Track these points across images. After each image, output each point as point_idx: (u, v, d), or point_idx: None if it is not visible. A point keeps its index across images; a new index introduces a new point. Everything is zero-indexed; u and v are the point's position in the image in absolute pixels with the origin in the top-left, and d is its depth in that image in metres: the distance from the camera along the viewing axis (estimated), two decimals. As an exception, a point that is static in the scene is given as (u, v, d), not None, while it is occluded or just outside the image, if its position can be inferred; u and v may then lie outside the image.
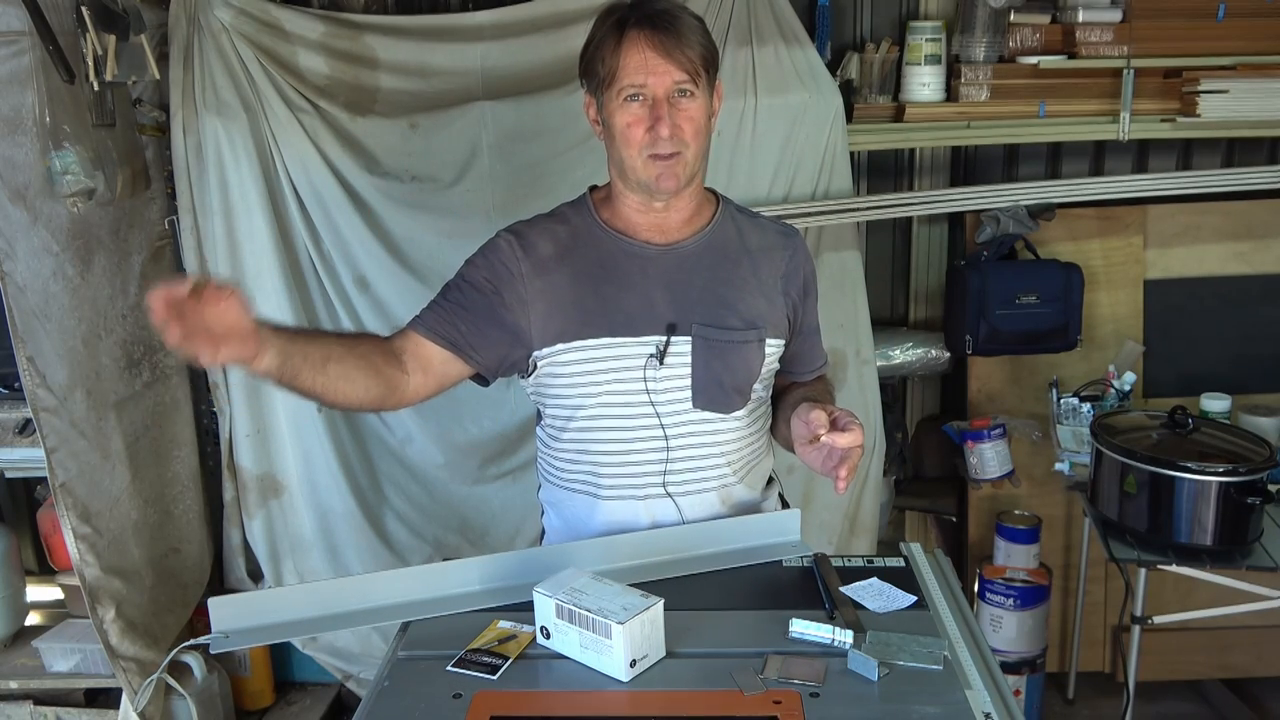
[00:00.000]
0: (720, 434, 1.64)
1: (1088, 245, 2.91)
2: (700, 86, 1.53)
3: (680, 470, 1.63)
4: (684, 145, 1.53)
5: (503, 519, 2.88)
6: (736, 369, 1.61)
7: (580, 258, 1.61)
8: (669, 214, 1.62)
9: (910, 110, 2.77)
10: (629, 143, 1.53)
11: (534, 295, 1.59)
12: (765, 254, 1.67)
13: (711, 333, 1.59)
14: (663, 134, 1.50)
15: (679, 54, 1.50)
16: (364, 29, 2.63)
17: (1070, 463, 2.64)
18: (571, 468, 1.67)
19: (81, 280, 2.41)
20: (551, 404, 1.66)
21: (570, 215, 1.66)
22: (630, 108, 1.52)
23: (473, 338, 1.59)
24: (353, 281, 2.71)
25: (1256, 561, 2.25)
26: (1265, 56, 2.72)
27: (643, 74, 1.50)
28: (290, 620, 1.42)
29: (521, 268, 1.59)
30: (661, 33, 1.49)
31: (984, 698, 1.25)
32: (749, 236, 1.67)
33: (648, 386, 1.59)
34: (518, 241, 1.61)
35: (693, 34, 1.52)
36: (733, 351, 1.60)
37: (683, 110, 1.52)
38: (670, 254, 1.62)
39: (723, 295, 1.61)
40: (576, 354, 1.59)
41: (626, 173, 1.57)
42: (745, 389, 1.64)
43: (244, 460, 2.79)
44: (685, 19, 1.53)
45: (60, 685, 2.69)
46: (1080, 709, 2.99)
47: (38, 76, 2.19)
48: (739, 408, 1.64)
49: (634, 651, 1.26)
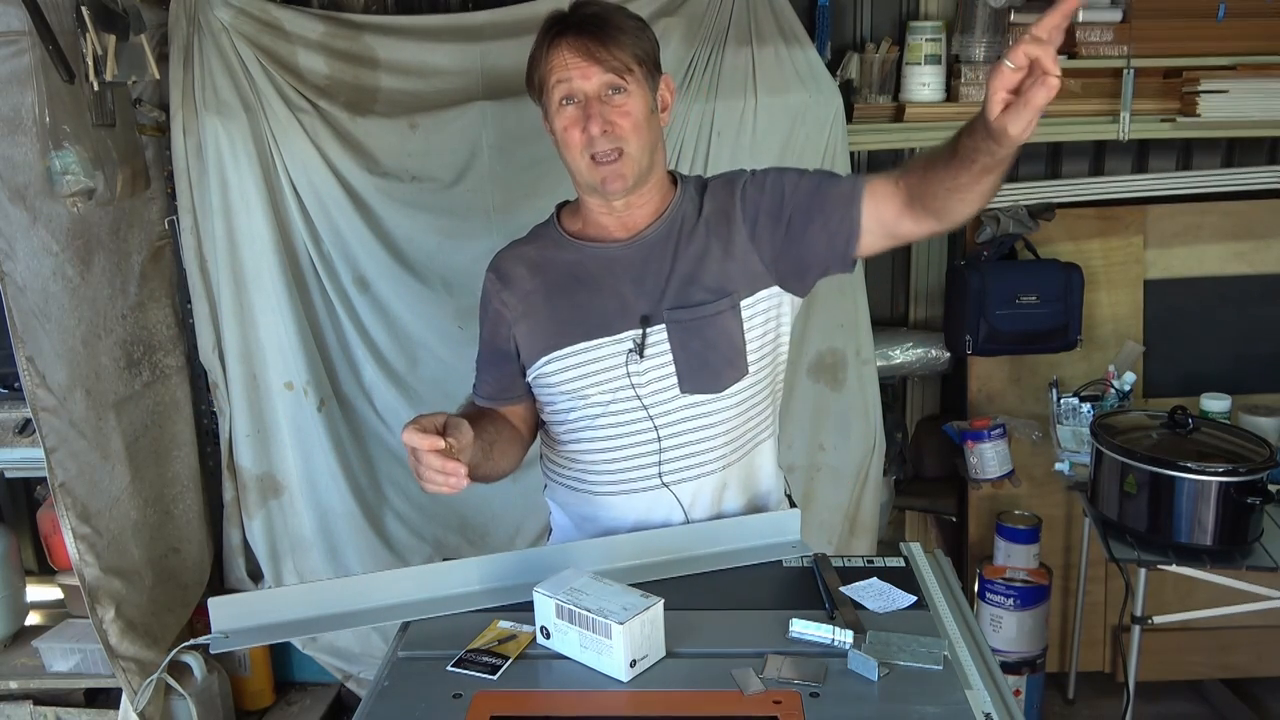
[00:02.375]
0: (712, 416, 1.61)
1: (1088, 245, 2.91)
2: (633, 81, 1.53)
3: (674, 459, 1.62)
4: (623, 141, 1.53)
5: (503, 519, 2.88)
6: (718, 343, 1.59)
7: (551, 273, 1.65)
8: (632, 212, 1.62)
9: (910, 110, 2.77)
10: (569, 146, 1.55)
11: (516, 318, 1.65)
12: (719, 213, 1.62)
13: (682, 314, 1.58)
14: (593, 131, 1.51)
15: (602, 53, 1.51)
16: (364, 29, 2.63)
17: (1070, 463, 2.64)
18: (569, 467, 1.70)
19: (81, 280, 2.41)
20: (547, 412, 1.70)
21: (540, 233, 1.72)
22: (566, 111, 1.54)
23: (503, 383, 1.70)
24: (353, 281, 2.71)
25: (1256, 561, 2.24)
26: (1265, 56, 2.72)
27: (568, 76, 1.52)
28: (290, 620, 1.42)
29: (504, 298, 1.66)
30: (585, 36, 1.52)
31: (984, 698, 1.25)
32: (706, 203, 1.64)
33: (632, 381, 1.59)
34: (496, 277, 1.68)
35: (619, 33, 1.53)
36: (708, 326, 1.58)
37: (616, 107, 1.52)
38: (634, 246, 1.62)
39: (689, 272, 1.60)
40: (559, 364, 1.61)
41: (576, 177, 1.59)
42: (736, 360, 1.60)
43: (244, 460, 2.79)
44: (614, 19, 1.54)
45: (60, 685, 2.69)
46: (1080, 709, 2.99)
47: (38, 76, 2.19)
48: (733, 382, 1.60)
49: (634, 651, 1.26)
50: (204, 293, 2.72)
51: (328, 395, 2.76)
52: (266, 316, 2.68)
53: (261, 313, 2.68)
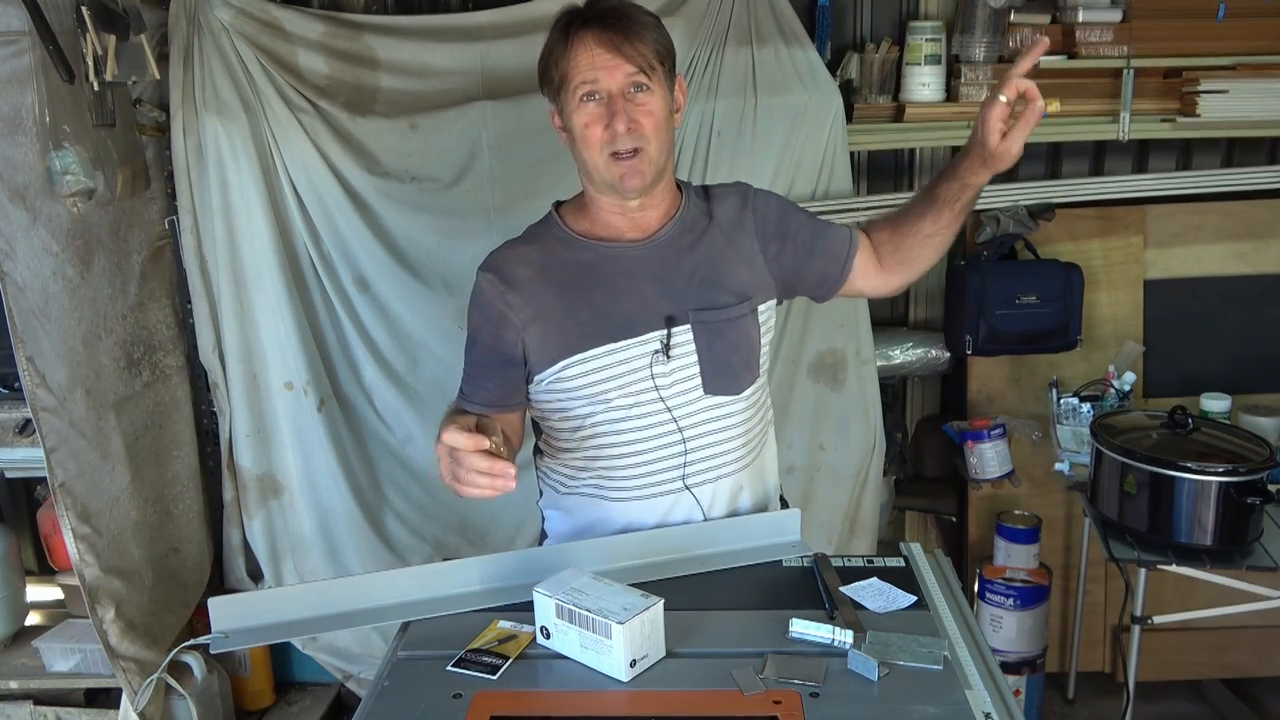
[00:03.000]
0: (732, 416, 1.63)
1: (1088, 245, 2.91)
2: (655, 80, 1.52)
3: (698, 461, 1.62)
4: (644, 140, 1.52)
5: (503, 519, 2.88)
6: (740, 345, 1.61)
7: (561, 273, 1.60)
8: (646, 212, 1.62)
9: (910, 110, 2.77)
10: (589, 143, 1.53)
11: (526, 321, 1.58)
12: (732, 221, 1.66)
13: (708, 315, 1.58)
14: (619, 129, 1.50)
15: (628, 47, 1.49)
16: (364, 29, 2.63)
17: (1070, 463, 2.64)
18: (583, 475, 1.66)
19: (81, 280, 2.41)
20: (558, 418, 1.65)
21: (540, 234, 1.66)
22: (587, 108, 1.52)
23: (505, 389, 1.63)
24: (353, 281, 2.72)
25: (1256, 561, 2.24)
26: (1265, 56, 2.72)
27: (593, 71, 1.49)
28: (290, 620, 1.42)
29: (508, 300, 1.59)
30: (609, 30, 1.49)
31: (984, 698, 1.25)
32: (715, 210, 1.66)
33: (656, 384, 1.58)
34: (497, 279, 1.60)
35: (642, 29, 1.51)
36: (733, 328, 1.60)
37: (640, 105, 1.51)
38: (650, 247, 1.61)
39: (708, 274, 1.60)
40: (580, 367, 1.57)
41: (592, 175, 1.57)
42: (752, 363, 1.63)
43: (244, 460, 2.79)
44: (636, 15, 1.53)
45: (60, 685, 2.69)
46: (1080, 709, 2.99)
47: (38, 76, 2.19)
48: (748, 385, 1.63)
49: (634, 651, 1.26)
50: (204, 293, 2.72)
51: (328, 395, 2.76)
52: (266, 316, 2.68)
53: (261, 313, 2.68)
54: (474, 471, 1.32)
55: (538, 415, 1.70)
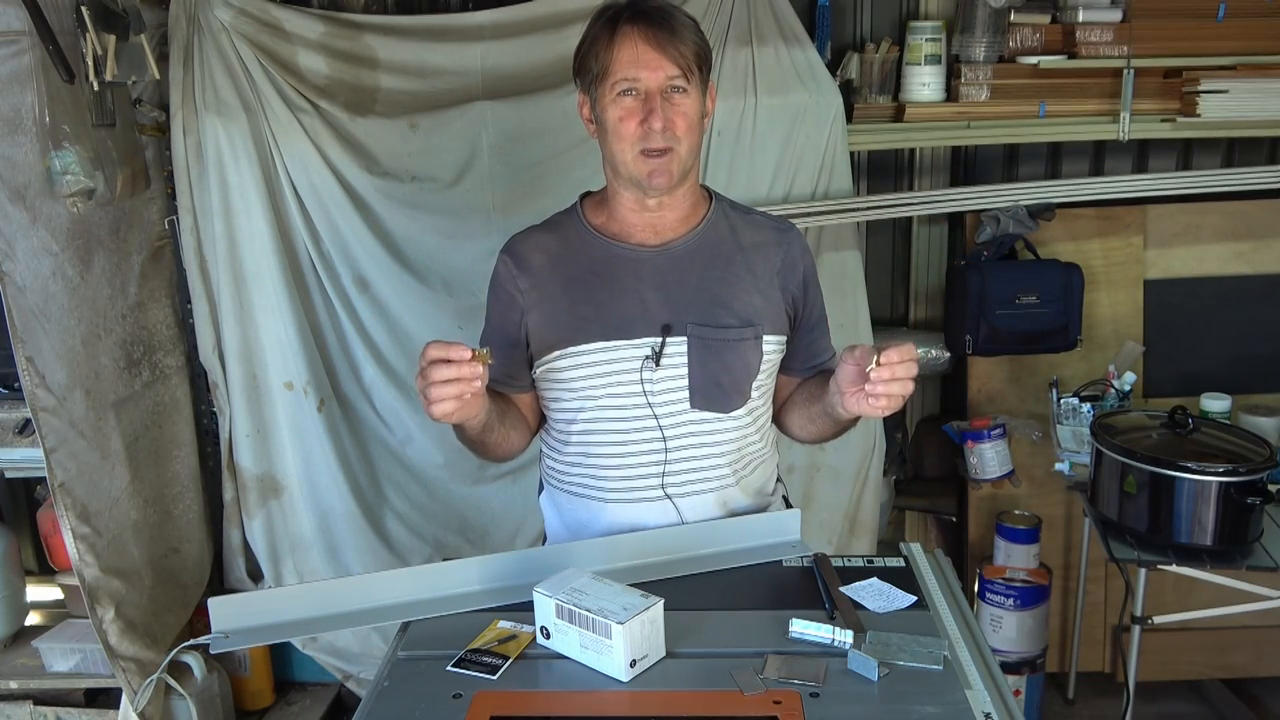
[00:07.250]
0: (719, 434, 1.63)
1: (1088, 245, 2.91)
2: (693, 83, 1.53)
3: (679, 471, 1.63)
4: (676, 141, 1.53)
5: (503, 519, 2.88)
6: (734, 368, 1.61)
7: (571, 265, 1.62)
8: (664, 213, 1.62)
9: (910, 110, 2.77)
10: (621, 137, 1.54)
11: (530, 305, 1.62)
12: (760, 250, 1.66)
13: (707, 332, 1.59)
14: (655, 126, 1.50)
15: (671, 49, 1.50)
16: (364, 29, 2.63)
17: (1070, 463, 2.64)
18: (573, 471, 1.68)
19: (81, 280, 2.41)
20: (554, 409, 1.68)
21: (561, 223, 1.68)
22: (623, 102, 1.53)
23: (510, 368, 1.66)
24: (353, 281, 2.71)
25: (1256, 561, 2.24)
26: (1265, 56, 2.72)
27: (635, 68, 1.50)
28: (290, 620, 1.42)
29: (519, 283, 1.63)
30: (655, 28, 1.50)
31: (984, 698, 1.25)
32: (743, 233, 1.67)
33: (645, 389, 1.59)
34: (512, 260, 1.65)
35: (686, 31, 1.53)
36: (729, 350, 1.60)
37: (675, 105, 1.52)
38: (663, 254, 1.62)
39: (717, 294, 1.61)
40: (572, 360, 1.60)
41: (619, 169, 1.57)
42: (744, 388, 1.63)
43: (244, 460, 2.79)
44: (679, 16, 1.54)
45: (60, 685, 2.69)
46: (1080, 709, 2.99)
47: (38, 76, 2.19)
48: (738, 407, 1.64)
49: (634, 651, 1.26)
50: (204, 293, 2.72)
51: (328, 395, 2.76)
52: (266, 316, 2.68)
53: (261, 313, 2.68)
54: (435, 384, 1.34)
55: (542, 405, 1.72)
